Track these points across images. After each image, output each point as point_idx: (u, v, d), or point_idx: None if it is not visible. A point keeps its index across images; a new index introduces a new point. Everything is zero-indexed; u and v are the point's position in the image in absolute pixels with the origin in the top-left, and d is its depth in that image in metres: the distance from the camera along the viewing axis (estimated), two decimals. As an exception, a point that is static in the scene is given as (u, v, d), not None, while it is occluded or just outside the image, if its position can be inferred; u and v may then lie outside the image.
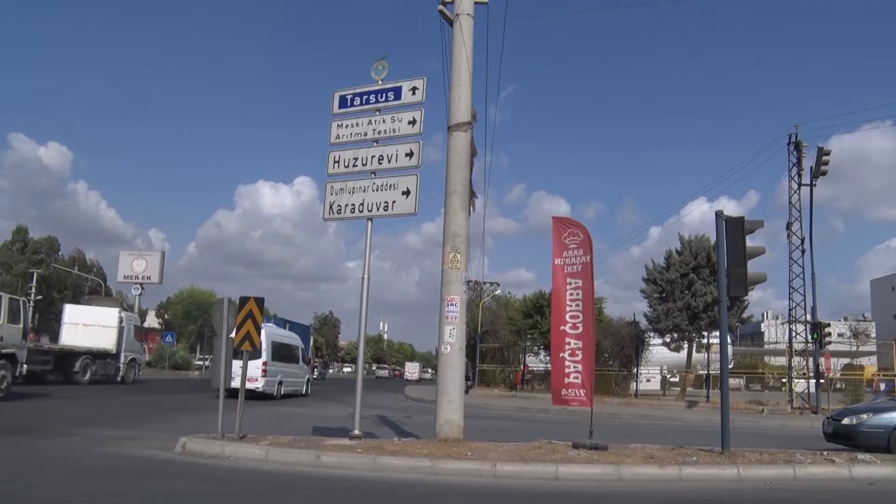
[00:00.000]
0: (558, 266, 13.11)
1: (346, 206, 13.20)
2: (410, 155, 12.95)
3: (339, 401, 27.76)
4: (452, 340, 12.44)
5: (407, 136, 13.11)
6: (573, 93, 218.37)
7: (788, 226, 32.30)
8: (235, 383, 12.44)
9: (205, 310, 76.24)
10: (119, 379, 33.18)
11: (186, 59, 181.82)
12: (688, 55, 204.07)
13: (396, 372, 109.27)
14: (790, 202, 32.10)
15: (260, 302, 12.05)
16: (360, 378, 12.85)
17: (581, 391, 12.55)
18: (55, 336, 38.70)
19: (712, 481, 10.41)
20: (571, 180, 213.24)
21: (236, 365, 12.44)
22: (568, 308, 12.85)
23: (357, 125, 13.49)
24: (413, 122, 13.07)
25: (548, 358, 42.58)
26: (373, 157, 13.23)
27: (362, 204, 13.06)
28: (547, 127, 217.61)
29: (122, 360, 33.39)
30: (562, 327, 12.85)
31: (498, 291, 57.24)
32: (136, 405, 21.12)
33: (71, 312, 34.45)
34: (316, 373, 50.41)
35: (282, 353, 28.46)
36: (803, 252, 31.49)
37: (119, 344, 33.04)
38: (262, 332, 17.29)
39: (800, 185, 31.70)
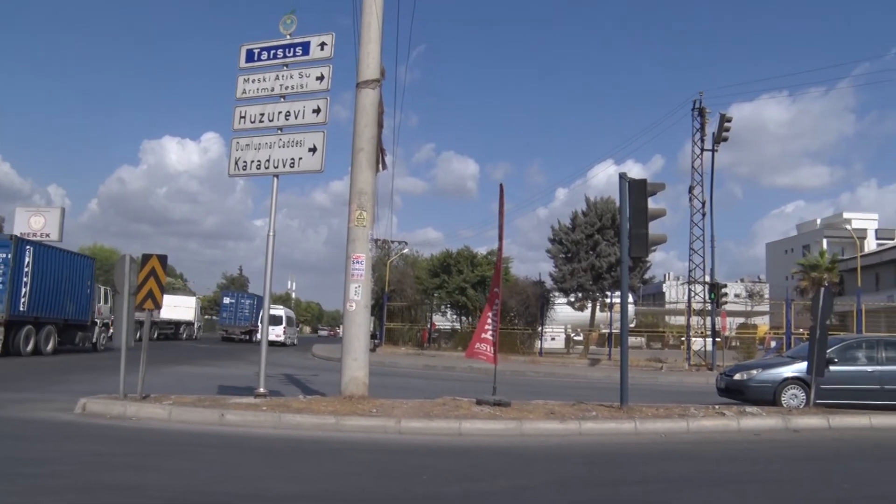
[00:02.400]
0: (502, 229, 13.69)
1: (252, 162, 13.00)
2: (318, 111, 12.82)
3: (245, 360, 27.48)
4: (358, 298, 12.44)
5: (315, 92, 12.96)
6: (484, 53, 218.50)
7: (690, 189, 33.33)
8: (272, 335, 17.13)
9: (107, 269, 74.25)
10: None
11: (90, 5, 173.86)
12: (600, 18, 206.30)
13: (332, 331, 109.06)
14: (693, 167, 33.13)
15: (163, 259, 11.78)
16: (265, 336, 12.82)
17: (490, 347, 12.88)
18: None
19: (610, 435, 10.80)
20: (480, 141, 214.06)
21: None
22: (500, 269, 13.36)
23: (264, 80, 13.25)
24: (321, 79, 12.93)
25: (454, 316, 43.20)
26: (280, 112, 13.05)
27: (268, 160, 12.88)
28: (457, 87, 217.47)
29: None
30: (496, 289, 13.33)
31: (406, 250, 57.26)
32: (31, 368, 20.34)
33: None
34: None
35: (287, 321, 51.24)
36: (704, 215, 32.55)
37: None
38: (283, 310, 51.34)
39: (702, 150, 32.66)
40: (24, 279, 23.47)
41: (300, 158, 12.75)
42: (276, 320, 46.49)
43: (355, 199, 12.76)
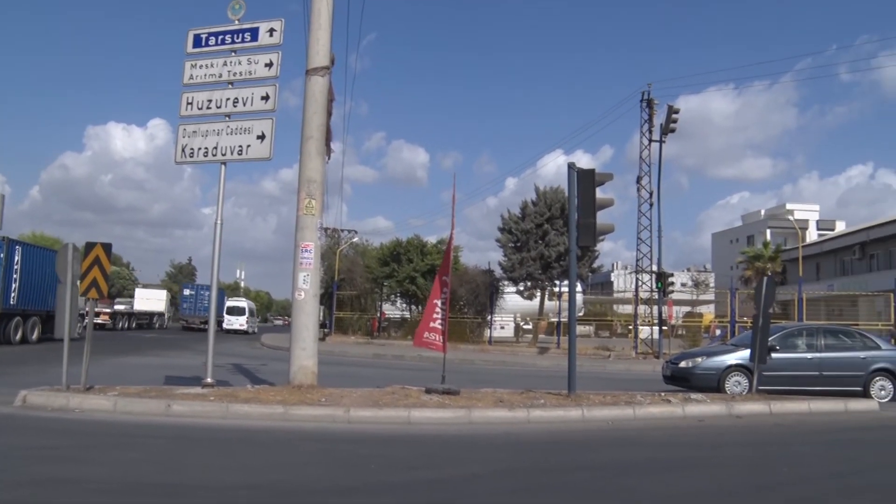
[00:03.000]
0: (455, 221, 13.58)
1: (200, 149, 12.83)
2: (266, 98, 12.70)
3: (192, 349, 27.14)
4: (307, 287, 12.37)
5: (263, 78, 12.84)
6: (436, 42, 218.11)
7: (638, 180, 33.75)
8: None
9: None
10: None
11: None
12: (552, 10, 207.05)
13: (286, 320, 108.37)
14: (641, 157, 33.53)
15: (107, 248, 11.56)
16: (213, 324, 12.69)
17: (439, 336, 12.92)
18: None
19: (558, 423, 10.93)
20: (431, 130, 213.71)
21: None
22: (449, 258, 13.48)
23: (212, 66, 13.08)
24: (270, 65, 12.80)
25: (404, 305, 43.19)
26: (228, 99, 12.89)
27: (216, 147, 12.73)
28: (408, 75, 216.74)
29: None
30: (445, 277, 13.31)
31: (356, 239, 57.09)
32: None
33: None
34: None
35: (249, 311, 57.08)
36: (651, 206, 33.05)
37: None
38: (245, 302, 59.03)
39: (650, 141, 33.09)
40: (14, 276, 25.65)
41: (248, 146, 12.62)
42: (240, 311, 54.91)
43: (304, 188, 12.67)
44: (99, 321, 40.94)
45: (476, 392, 12.74)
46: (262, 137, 12.58)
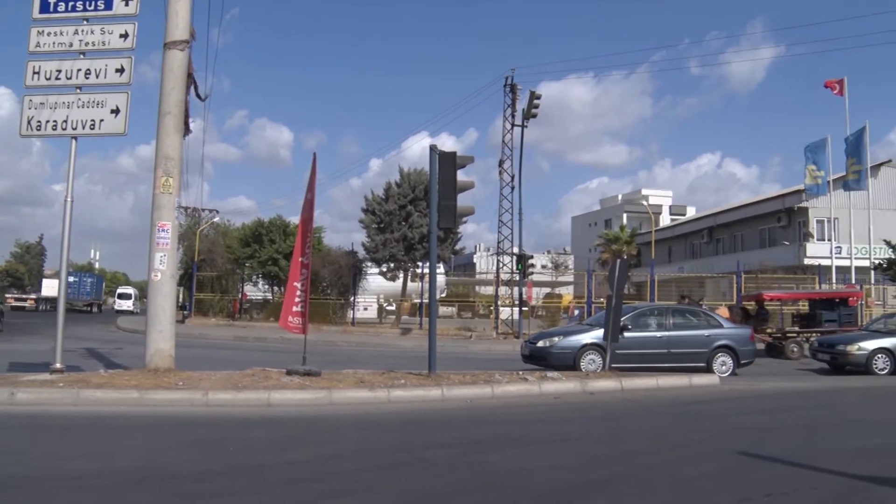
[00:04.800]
0: (309, 199, 13.43)
1: (48, 122, 12.15)
2: (121, 71, 12.16)
3: (41, 334, 25.79)
4: (163, 268, 12.01)
5: (118, 50, 12.26)
6: (300, 21, 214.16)
7: (501, 163, 34.33)
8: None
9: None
10: None
11: None
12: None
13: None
14: (503, 141, 34.09)
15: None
16: (62, 305, 12.11)
17: (300, 319, 12.85)
18: None
19: (419, 402, 11.09)
20: (295, 109, 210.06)
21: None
22: (308, 238, 13.28)
23: (61, 34, 12.35)
24: (125, 36, 12.23)
25: (266, 287, 42.52)
26: (79, 70, 12.23)
27: (66, 121, 12.09)
28: (271, 53, 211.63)
29: None
30: (301, 258, 13.21)
31: (217, 219, 55.82)
32: None
33: None
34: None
35: (134, 296, 69.52)
36: (513, 189, 33.65)
37: None
38: (132, 290, 76.29)
39: (513, 125, 33.67)
40: None
41: (101, 120, 12.07)
42: (128, 296, 71.10)
43: (161, 165, 12.26)
44: (26, 305, 56.62)
45: (337, 373, 12.73)
46: (116, 112, 12.05)
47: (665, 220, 77.92)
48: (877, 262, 35.77)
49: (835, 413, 11.82)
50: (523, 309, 32.20)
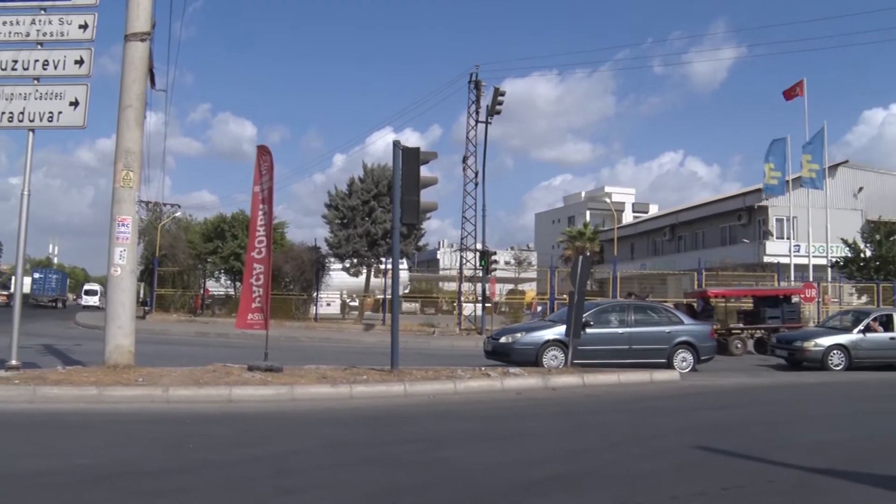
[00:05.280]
0: (256, 193, 13.22)
1: (4, 113, 11.91)
2: (81, 62, 11.97)
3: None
4: (123, 263, 11.85)
5: (78, 41, 12.06)
6: (264, 14, 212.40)
7: (465, 160, 34.42)
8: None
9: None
10: None
11: None
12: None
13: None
14: (467, 137, 34.18)
15: None
16: (18, 299, 11.93)
17: (260, 315, 12.75)
18: None
19: (381, 398, 11.08)
20: (258, 104, 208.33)
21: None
22: (257, 234, 13.04)
23: (18, 23, 12.09)
24: (85, 27, 12.04)
25: (228, 282, 42.20)
26: (36, 61, 12.01)
27: (22, 113, 11.86)
28: (235, 46, 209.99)
29: None
30: (252, 254, 13.08)
31: (178, 214, 55.15)
32: None
33: None
34: None
35: (101, 292, 65.23)
36: (476, 185, 33.71)
37: None
38: (97, 286, 72.60)
39: (477, 122, 33.74)
40: None
41: (60, 112, 11.87)
42: (94, 292, 71.93)
43: (121, 159, 12.09)
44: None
45: (300, 369, 12.66)
46: (75, 104, 11.87)
47: (628, 217, 78.50)
48: (833, 260, 36.51)
49: (791, 408, 12.00)
50: (486, 305, 32.24)
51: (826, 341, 17.82)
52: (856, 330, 18.09)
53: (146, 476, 6.04)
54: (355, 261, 37.23)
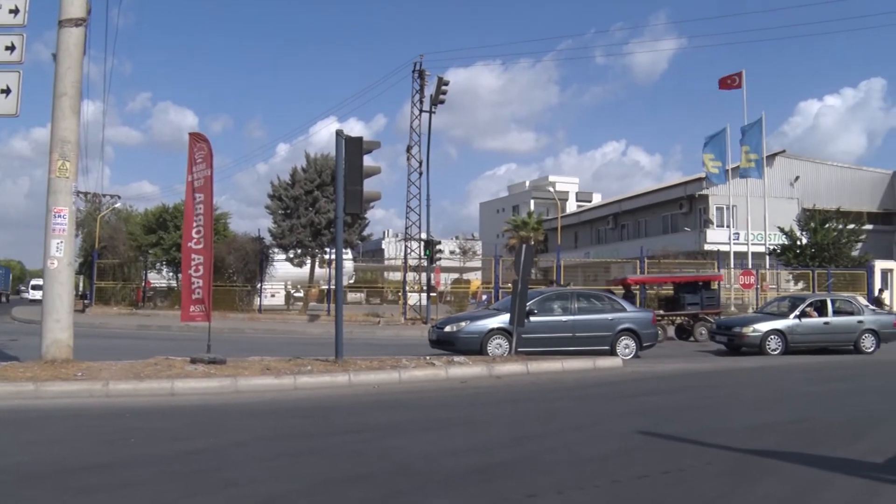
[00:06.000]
0: (189, 182, 13.03)
1: (-69, 101, 11.58)
2: (12, 49, 11.64)
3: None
4: (60, 255, 11.61)
5: (8, 26, 11.71)
6: (203, 2, 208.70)
7: (409, 149, 34.39)
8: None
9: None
10: None
11: None
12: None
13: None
14: (412, 127, 34.15)
15: None
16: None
17: (202, 307, 12.63)
18: None
19: (325, 388, 11.08)
20: (200, 92, 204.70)
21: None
22: (194, 224, 12.90)
23: (-56, 9, 11.77)
24: (15, 12, 11.69)
25: (170, 274, 41.56)
26: (-35, 47, 11.69)
27: (-49, 101, 11.55)
28: (175, 34, 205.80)
29: None
30: (189, 244, 12.94)
31: (118, 205, 54.15)
32: None
33: None
34: None
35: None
36: (420, 174, 33.75)
37: None
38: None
39: (421, 111, 33.74)
40: None
41: (-9, 101, 11.58)
42: (41, 287, 72.40)
43: (57, 149, 11.82)
44: None
45: (243, 361, 12.56)
46: (6, 92, 11.55)
47: (572, 206, 79.31)
48: (771, 247, 37.36)
49: (729, 392, 12.30)
50: (431, 294, 32.33)
51: (764, 327, 18.24)
52: (792, 315, 18.55)
53: (87, 471, 5.96)
54: (299, 251, 36.95)
